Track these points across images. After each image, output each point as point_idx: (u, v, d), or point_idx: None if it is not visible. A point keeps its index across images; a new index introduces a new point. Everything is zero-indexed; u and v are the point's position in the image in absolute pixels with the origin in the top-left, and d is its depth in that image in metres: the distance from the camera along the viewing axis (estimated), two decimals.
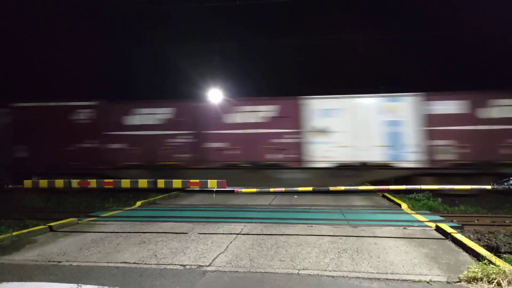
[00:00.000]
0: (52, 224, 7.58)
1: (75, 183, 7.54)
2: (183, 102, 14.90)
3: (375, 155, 13.31)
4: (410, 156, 13.08)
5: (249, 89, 22.21)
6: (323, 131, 13.67)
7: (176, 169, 14.13)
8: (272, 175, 13.76)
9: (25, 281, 4.58)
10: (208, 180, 7.42)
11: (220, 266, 5.04)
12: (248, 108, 14.29)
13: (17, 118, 15.06)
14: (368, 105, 13.62)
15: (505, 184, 6.00)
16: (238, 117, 14.27)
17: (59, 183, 7.77)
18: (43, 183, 7.68)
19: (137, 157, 14.52)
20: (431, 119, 13.00)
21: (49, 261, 5.40)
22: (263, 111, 14.11)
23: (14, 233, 6.75)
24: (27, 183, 7.74)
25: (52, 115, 14.91)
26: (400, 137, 13.25)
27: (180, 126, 14.50)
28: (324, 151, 13.61)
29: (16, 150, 14.88)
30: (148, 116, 14.64)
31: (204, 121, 14.44)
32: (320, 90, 14.72)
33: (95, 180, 7.74)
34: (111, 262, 5.28)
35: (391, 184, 11.66)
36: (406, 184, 8.91)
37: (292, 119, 13.87)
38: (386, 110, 13.42)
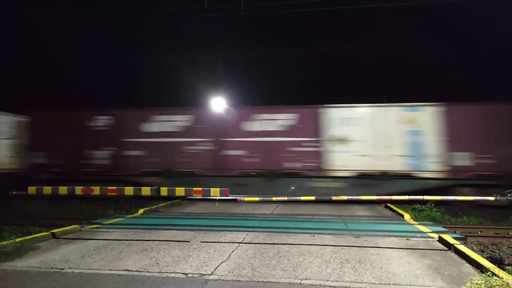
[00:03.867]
0: (55, 231, 7.59)
1: (78, 190, 7.58)
2: (202, 110, 14.97)
3: (396, 164, 13.28)
4: (431, 166, 13.06)
5: (258, 97, 22.44)
6: (342, 140, 13.63)
7: (194, 176, 14.14)
8: (290, 184, 13.65)
9: (28, 287, 4.59)
10: (211, 189, 7.45)
11: (222, 275, 5.03)
12: (266, 116, 14.29)
13: (35, 125, 15.22)
14: (388, 114, 13.64)
15: (509, 196, 5.99)
16: (256, 125, 14.28)
17: (63, 190, 7.81)
18: (47, 189, 7.72)
19: (155, 164, 14.52)
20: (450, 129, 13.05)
21: (51, 268, 5.42)
22: (282, 119, 14.11)
23: (17, 240, 6.77)
24: (31, 189, 7.78)
25: (70, 121, 15.07)
26: (421, 146, 13.23)
27: (198, 134, 14.53)
28: (343, 160, 13.55)
29: (34, 157, 15.01)
30: (167, 123, 14.71)
31: (223, 129, 14.46)
32: (330, 99, 14.86)
33: (98, 187, 7.78)
34: (114, 270, 5.29)
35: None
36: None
37: (311, 128, 13.84)
38: (406, 120, 13.45)
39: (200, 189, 7.95)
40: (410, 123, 13.38)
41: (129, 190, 7.75)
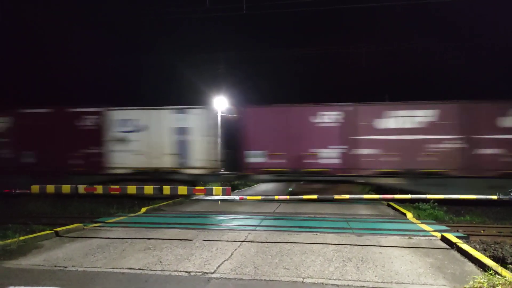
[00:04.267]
0: (58, 229, 7.63)
1: (81, 188, 7.61)
2: (449, 103, 13.52)
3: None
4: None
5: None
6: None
7: (439, 177, 13.07)
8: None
9: (32, 285, 4.62)
10: (213, 187, 7.47)
11: (224, 273, 5.05)
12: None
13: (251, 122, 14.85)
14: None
15: (511, 194, 5.98)
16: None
17: (66, 188, 7.85)
18: (50, 188, 7.76)
19: (392, 164, 13.45)
20: None
21: (55, 266, 5.45)
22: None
23: (21, 238, 6.81)
24: (34, 188, 7.82)
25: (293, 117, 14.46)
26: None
27: (445, 130, 13.22)
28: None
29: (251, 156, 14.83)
30: (405, 119, 13.50)
31: (475, 124, 13.05)
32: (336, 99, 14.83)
33: (101, 186, 7.81)
34: (117, 268, 5.31)
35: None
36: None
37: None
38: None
39: (203, 188, 7.97)
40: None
41: (131, 189, 7.77)
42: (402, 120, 13.47)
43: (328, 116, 13.94)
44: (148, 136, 14.77)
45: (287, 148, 14.03)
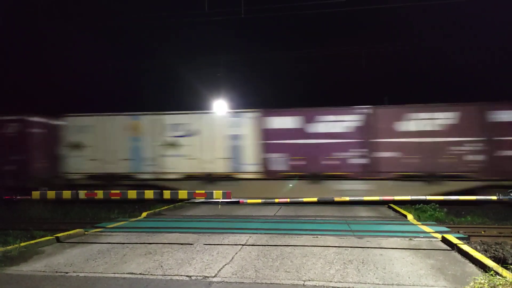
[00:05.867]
0: (59, 235, 7.64)
1: (82, 194, 7.63)
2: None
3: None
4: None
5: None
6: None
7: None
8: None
9: None
10: (214, 191, 7.49)
11: (225, 277, 5.05)
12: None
13: None
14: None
15: (511, 194, 5.99)
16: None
17: (67, 194, 7.86)
18: (51, 194, 7.78)
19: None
20: None
21: (56, 272, 5.45)
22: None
23: (21, 244, 6.81)
24: (35, 194, 7.84)
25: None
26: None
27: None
28: None
29: None
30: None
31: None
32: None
33: (102, 191, 7.83)
34: (118, 273, 5.32)
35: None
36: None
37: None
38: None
39: (203, 191, 7.98)
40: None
41: (132, 194, 7.79)
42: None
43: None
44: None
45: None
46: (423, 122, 13.36)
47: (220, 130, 14.40)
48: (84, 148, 14.82)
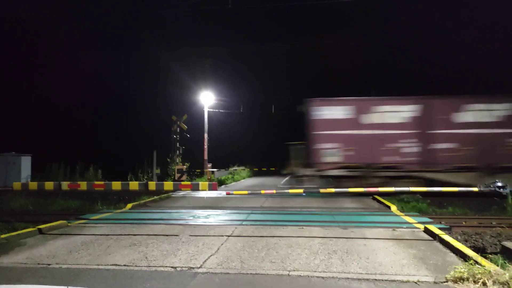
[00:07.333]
0: (41, 226, 7.51)
1: (65, 185, 7.49)
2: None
3: None
4: None
5: None
6: None
7: None
8: None
9: (14, 283, 4.54)
10: (200, 183, 7.45)
11: (211, 268, 5.05)
12: None
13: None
14: None
15: (491, 186, 6.12)
16: None
17: (49, 185, 7.71)
18: (33, 185, 7.62)
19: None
20: None
21: (38, 263, 5.36)
22: None
23: (2, 236, 6.67)
24: (17, 185, 7.67)
25: None
26: None
27: None
28: None
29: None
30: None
31: None
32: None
33: (85, 182, 7.71)
34: (101, 265, 5.26)
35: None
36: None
37: None
38: None
39: (189, 183, 7.93)
40: None
41: (116, 185, 7.69)
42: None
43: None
44: None
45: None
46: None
47: None
48: None
